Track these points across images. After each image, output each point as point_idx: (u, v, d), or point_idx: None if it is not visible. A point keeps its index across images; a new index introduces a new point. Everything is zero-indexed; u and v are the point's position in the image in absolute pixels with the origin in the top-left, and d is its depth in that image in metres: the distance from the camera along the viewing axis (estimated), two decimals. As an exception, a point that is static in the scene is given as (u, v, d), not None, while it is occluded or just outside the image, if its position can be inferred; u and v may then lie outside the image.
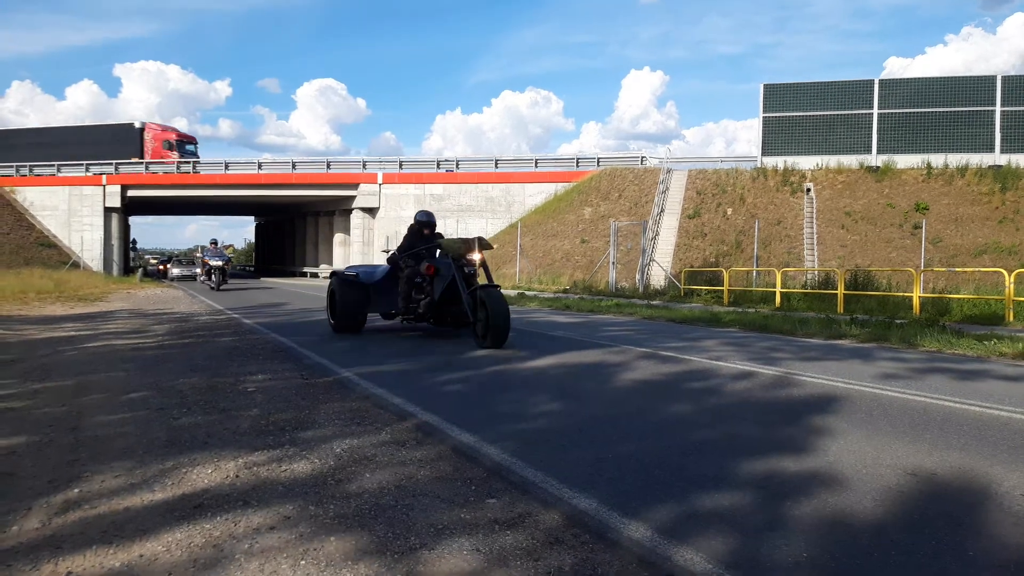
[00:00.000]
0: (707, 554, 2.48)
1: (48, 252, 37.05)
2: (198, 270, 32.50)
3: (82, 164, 40.87)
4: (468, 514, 2.90)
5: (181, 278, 39.12)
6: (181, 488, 3.23)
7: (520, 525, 2.78)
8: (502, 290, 8.88)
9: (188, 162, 41.37)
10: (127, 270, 42.14)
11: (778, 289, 16.56)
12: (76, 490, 3.20)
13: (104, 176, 39.33)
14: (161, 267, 54.19)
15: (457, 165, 38.56)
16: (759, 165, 30.66)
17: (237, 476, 3.40)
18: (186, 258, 54.65)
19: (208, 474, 3.43)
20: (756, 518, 2.83)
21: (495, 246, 33.21)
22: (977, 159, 27.98)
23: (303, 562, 2.46)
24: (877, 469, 3.48)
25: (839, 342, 9.33)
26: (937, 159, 28.37)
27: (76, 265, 35.35)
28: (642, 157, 36.03)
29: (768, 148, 30.60)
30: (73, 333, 10.09)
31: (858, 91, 29.55)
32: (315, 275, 43.94)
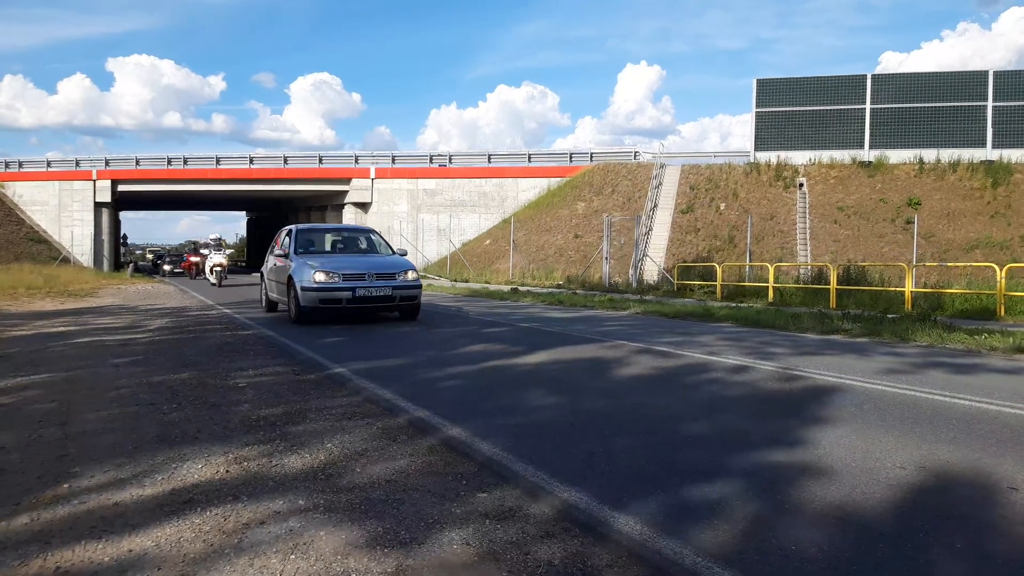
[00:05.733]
0: (696, 547, 2.49)
1: (38, 247, 36.84)
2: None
3: (72, 159, 40.63)
4: (459, 508, 2.89)
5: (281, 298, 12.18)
6: (171, 483, 3.22)
7: (511, 519, 2.78)
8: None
9: (179, 157, 41.15)
10: (118, 265, 41.93)
11: (771, 284, 16.59)
12: (65, 485, 3.18)
13: (94, 171, 39.10)
14: (169, 265, 42.77)
15: (450, 160, 38.51)
16: (752, 160, 30.70)
17: (227, 471, 3.39)
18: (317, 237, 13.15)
19: (198, 469, 3.42)
20: (746, 512, 2.84)
21: (487, 241, 33.27)
22: (969, 154, 28.08)
23: (293, 556, 2.45)
24: (867, 463, 3.49)
25: (832, 337, 9.36)
26: (929, 154, 28.47)
27: (66, 260, 35.17)
28: (635, 152, 36.06)
29: (761, 143, 30.64)
30: (63, 328, 10.04)
31: (851, 86, 29.59)
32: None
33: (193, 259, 34.34)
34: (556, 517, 2.80)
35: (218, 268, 24.41)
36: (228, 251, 26.00)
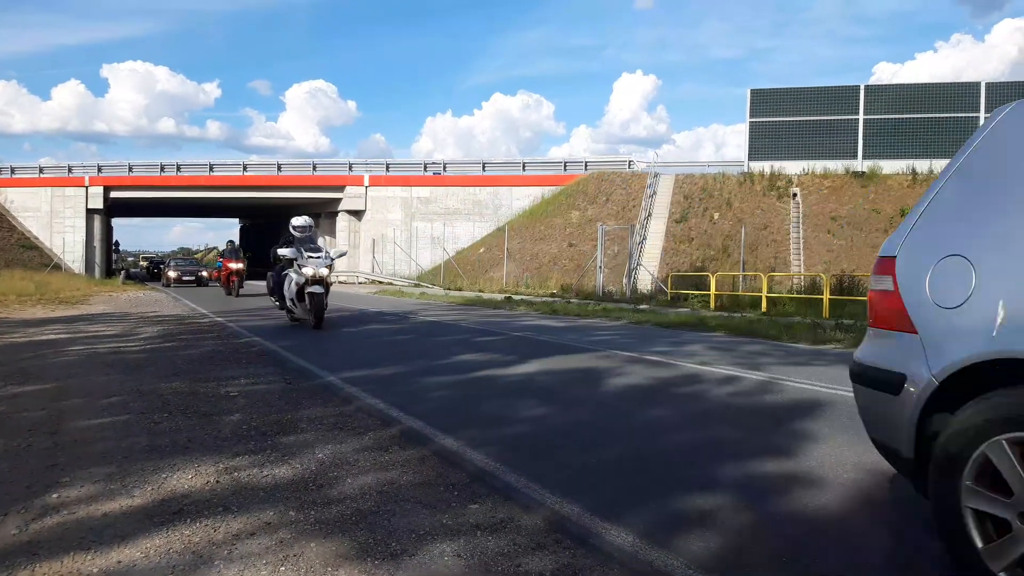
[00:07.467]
0: (688, 558, 2.48)
1: (29, 254, 36.66)
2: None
3: (64, 165, 40.52)
4: (450, 519, 2.88)
5: None
6: (161, 493, 3.20)
7: (502, 530, 2.77)
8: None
9: (172, 163, 41.04)
10: (109, 272, 41.74)
11: (764, 294, 16.64)
12: (54, 495, 3.16)
13: (87, 177, 38.98)
14: (176, 271, 31.02)
15: (444, 168, 38.55)
16: (746, 170, 30.82)
17: (218, 481, 3.37)
18: None
19: (188, 479, 3.40)
20: (737, 522, 2.84)
21: (482, 249, 33.29)
22: (960, 165, 28.20)
23: (283, 568, 2.44)
24: (857, 474, 3.50)
25: (825, 347, 9.38)
26: (922, 165, 28.62)
27: (57, 267, 35.02)
28: (630, 161, 36.16)
29: (755, 153, 30.77)
30: (54, 336, 9.98)
31: (844, 97, 29.77)
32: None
33: (233, 266, 22.66)
34: (548, 528, 2.79)
35: (318, 290, 11.03)
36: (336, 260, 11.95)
